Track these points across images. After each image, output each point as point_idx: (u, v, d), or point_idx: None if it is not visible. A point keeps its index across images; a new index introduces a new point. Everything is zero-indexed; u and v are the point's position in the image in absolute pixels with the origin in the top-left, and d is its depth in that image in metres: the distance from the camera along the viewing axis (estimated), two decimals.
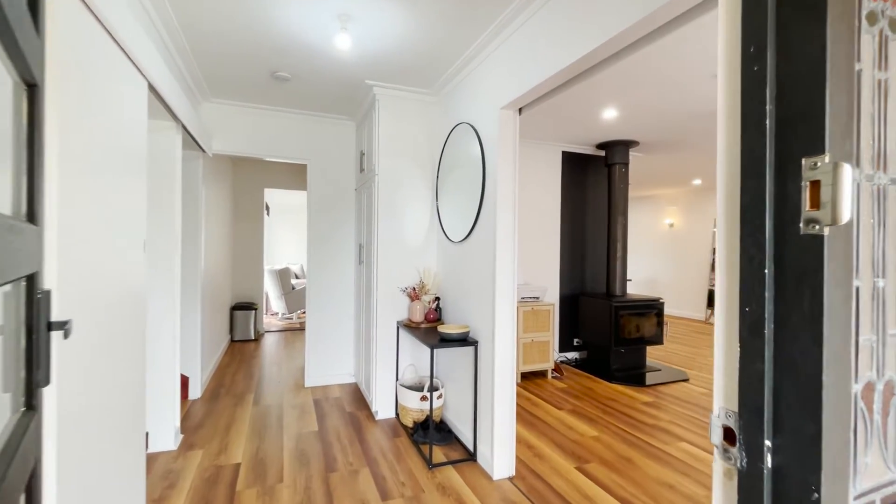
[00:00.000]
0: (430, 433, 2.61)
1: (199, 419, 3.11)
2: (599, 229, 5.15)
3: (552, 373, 4.33)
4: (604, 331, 4.40)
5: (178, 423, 2.74)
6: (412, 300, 3.06)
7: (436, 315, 3.01)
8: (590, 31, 1.75)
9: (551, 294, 4.87)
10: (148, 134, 2.10)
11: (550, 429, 3.05)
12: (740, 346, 0.59)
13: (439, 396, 2.98)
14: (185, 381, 3.35)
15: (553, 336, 4.21)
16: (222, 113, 3.59)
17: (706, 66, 2.78)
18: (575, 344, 4.97)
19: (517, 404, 3.47)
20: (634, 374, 4.33)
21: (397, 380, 3.21)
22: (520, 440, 2.87)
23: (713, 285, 7.52)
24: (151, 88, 1.98)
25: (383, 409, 3.21)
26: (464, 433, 2.80)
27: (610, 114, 3.74)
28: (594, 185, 5.13)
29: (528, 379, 4.19)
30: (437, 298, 3.13)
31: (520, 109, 2.44)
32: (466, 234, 2.75)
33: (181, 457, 2.57)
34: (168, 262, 2.65)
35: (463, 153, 2.82)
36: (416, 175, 3.26)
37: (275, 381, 4.04)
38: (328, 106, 3.64)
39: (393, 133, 3.18)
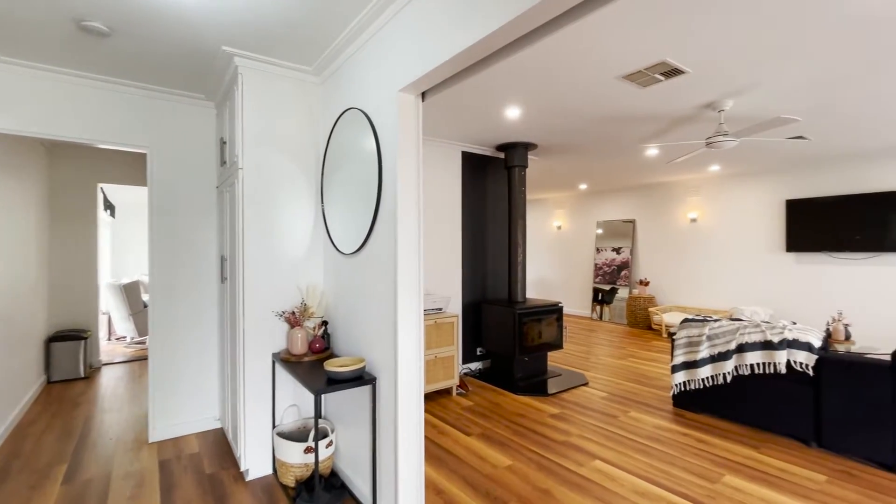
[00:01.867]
0: (317, 495, 2.06)
1: None
2: (500, 234, 5.00)
3: (457, 389, 4.01)
4: (507, 339, 4.22)
5: None
6: (292, 326, 2.45)
7: (323, 344, 2.44)
8: (490, 12, 1.44)
9: (455, 304, 4.56)
10: None
11: (461, 463, 2.69)
12: None
13: (329, 444, 2.42)
14: None
15: (457, 350, 3.90)
16: (2, 78, 2.55)
17: (608, 69, 2.66)
18: (478, 353, 4.74)
19: None
20: (538, 382, 4.22)
21: (274, 427, 2.57)
22: (428, 484, 2.46)
23: (597, 283, 7.98)
24: None
25: (256, 464, 2.54)
26: (360, 487, 2.29)
27: (513, 113, 3.53)
28: (494, 188, 4.96)
29: (433, 399, 3.81)
30: (325, 323, 2.56)
31: (423, 95, 2.02)
32: (360, 244, 2.24)
33: None
34: None
35: (354, 146, 2.31)
36: (294, 172, 2.64)
37: (106, 437, 3.05)
38: (174, 79, 2.82)
39: (262, 117, 2.53)
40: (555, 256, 9.20)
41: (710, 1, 1.93)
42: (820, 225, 5.54)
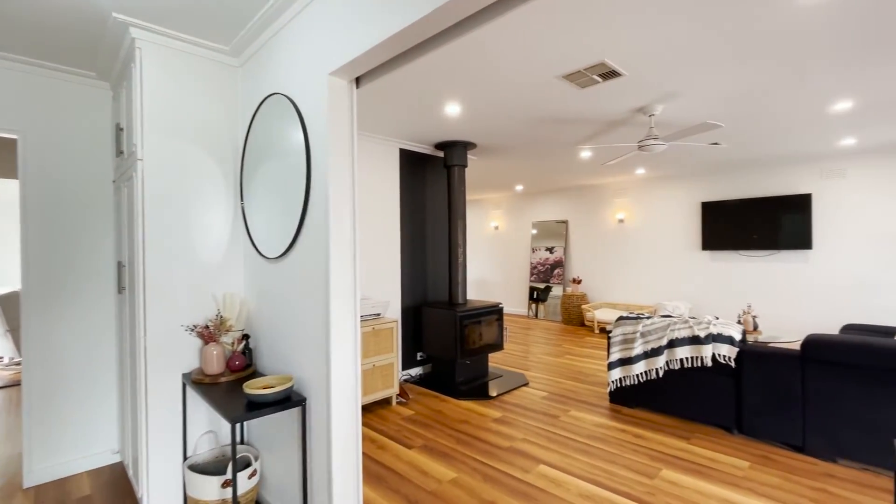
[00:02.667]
0: None
1: None
2: (440, 234, 4.88)
3: (397, 398, 3.82)
4: (449, 343, 4.11)
5: None
6: (206, 342, 2.13)
7: (244, 361, 2.15)
8: None
9: (393, 308, 4.36)
10: None
11: (403, 481, 2.51)
12: None
13: (252, 474, 2.13)
14: None
15: (397, 356, 3.71)
16: None
17: (548, 68, 2.63)
18: (419, 358, 4.58)
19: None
20: (480, 386, 4.15)
21: (185, 459, 2.22)
22: None
23: (533, 282, 8.15)
24: None
25: None
26: None
27: (452, 110, 3.42)
28: (434, 188, 4.83)
29: (371, 410, 3.59)
30: (247, 337, 2.26)
31: (357, 82, 1.82)
32: (286, 247, 1.99)
33: None
34: None
35: (278, 136, 2.05)
36: (208, 165, 2.31)
37: None
38: (56, 52, 2.36)
39: (167, 101, 2.18)
40: (493, 256, 9.29)
41: (647, 2, 1.93)
42: (729, 225, 6.05)
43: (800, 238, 5.50)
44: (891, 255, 5.00)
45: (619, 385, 3.58)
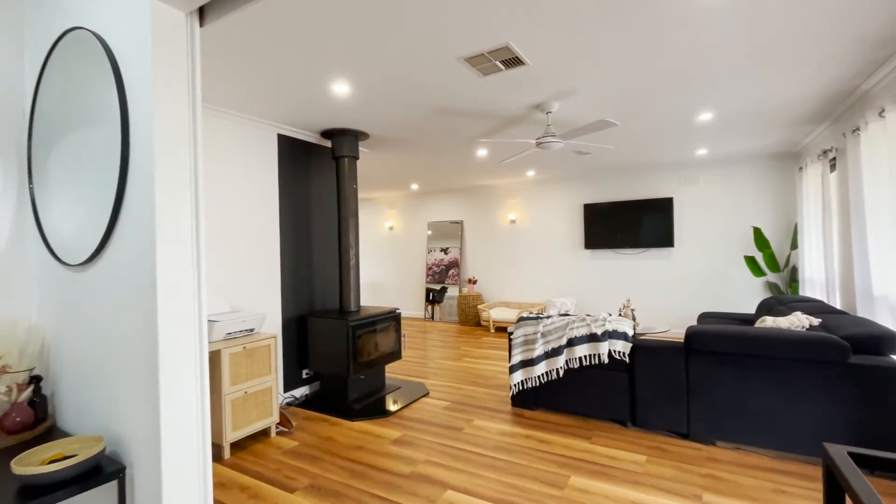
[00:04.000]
0: None
1: None
2: (329, 234, 4.35)
3: (277, 427, 3.24)
4: (340, 357, 3.63)
5: None
6: None
7: (30, 416, 1.47)
8: None
9: (272, 321, 3.73)
10: None
11: None
12: None
13: None
14: None
15: (276, 378, 3.13)
16: None
17: (449, 47, 2.37)
18: (304, 376, 4.01)
19: None
20: (376, 402, 3.75)
21: None
22: None
23: (429, 283, 7.96)
24: None
25: None
26: None
27: (340, 89, 2.98)
28: (320, 181, 4.29)
29: (243, 447, 2.96)
30: (36, 380, 1.57)
31: (201, 13, 1.32)
32: (95, 249, 1.39)
33: None
34: None
35: (81, 92, 1.43)
36: None
37: None
38: None
39: None
40: (388, 258, 8.89)
41: None
42: (607, 226, 6.54)
43: (664, 237, 6.13)
44: (734, 251, 5.81)
45: (521, 388, 3.48)
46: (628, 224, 6.37)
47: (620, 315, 5.38)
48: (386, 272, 8.90)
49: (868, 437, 2.45)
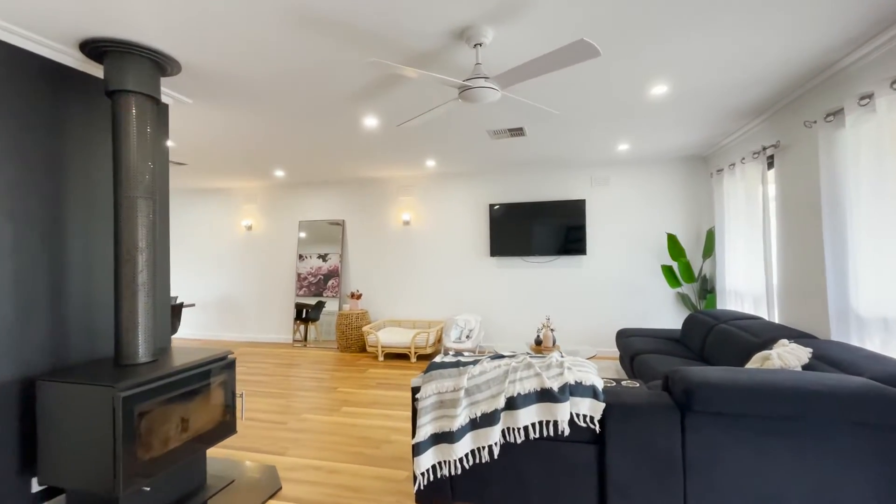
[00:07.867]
0: None
1: None
2: (100, 226, 2.54)
3: None
4: (100, 458, 1.92)
5: None
6: None
7: None
8: None
9: None
10: None
11: None
12: None
13: None
14: None
15: None
16: None
17: None
18: (35, 490, 2.17)
19: None
20: None
21: None
22: None
23: (301, 297, 6.22)
24: None
25: None
26: None
27: None
28: (86, 136, 2.47)
29: None
30: None
31: None
32: None
33: None
34: None
35: None
36: None
37: None
38: None
39: None
40: (245, 266, 6.90)
41: None
42: (515, 230, 5.65)
43: (576, 244, 5.44)
44: (647, 260, 5.34)
45: (431, 476, 2.19)
46: (538, 228, 5.56)
47: (539, 340, 4.45)
48: (242, 286, 6.89)
49: None
